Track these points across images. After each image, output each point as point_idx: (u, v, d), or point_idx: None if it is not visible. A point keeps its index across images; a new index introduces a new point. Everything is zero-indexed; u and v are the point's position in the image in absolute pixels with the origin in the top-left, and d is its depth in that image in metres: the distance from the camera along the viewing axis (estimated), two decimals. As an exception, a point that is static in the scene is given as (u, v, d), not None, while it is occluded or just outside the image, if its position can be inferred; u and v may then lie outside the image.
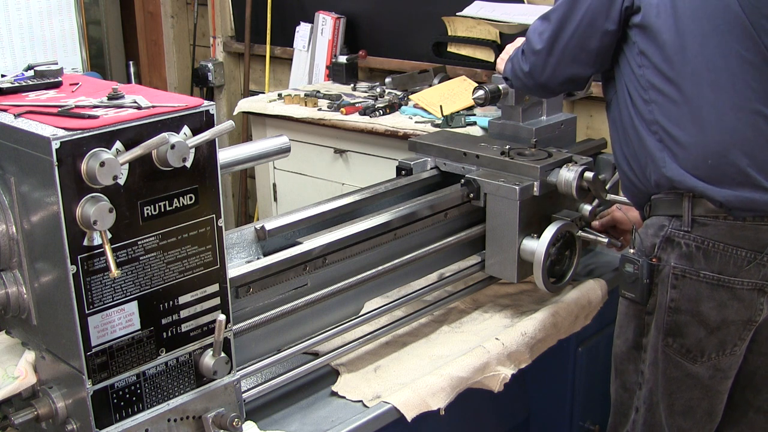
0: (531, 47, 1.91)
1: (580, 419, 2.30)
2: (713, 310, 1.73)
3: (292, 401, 1.71)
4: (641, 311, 1.83)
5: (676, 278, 1.74)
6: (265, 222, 1.77)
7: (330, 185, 3.21)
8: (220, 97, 4.50)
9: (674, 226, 1.74)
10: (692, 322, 1.74)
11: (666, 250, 1.75)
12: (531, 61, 1.91)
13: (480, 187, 2.01)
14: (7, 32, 3.57)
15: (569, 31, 1.82)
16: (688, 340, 1.76)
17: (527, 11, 3.02)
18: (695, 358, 1.77)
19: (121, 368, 1.31)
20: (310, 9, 3.85)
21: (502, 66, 2.12)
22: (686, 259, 1.73)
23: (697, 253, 1.71)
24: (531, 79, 1.94)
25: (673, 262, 1.74)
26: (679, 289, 1.74)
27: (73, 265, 1.21)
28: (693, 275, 1.72)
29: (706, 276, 1.72)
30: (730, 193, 1.67)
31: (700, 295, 1.73)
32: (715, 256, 1.70)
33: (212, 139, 1.30)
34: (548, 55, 1.87)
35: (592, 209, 2.10)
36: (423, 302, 1.99)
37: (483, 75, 3.32)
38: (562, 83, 1.94)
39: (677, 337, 1.77)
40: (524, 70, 1.94)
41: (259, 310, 1.66)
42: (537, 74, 1.92)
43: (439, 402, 1.69)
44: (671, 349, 1.78)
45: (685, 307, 1.74)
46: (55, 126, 1.19)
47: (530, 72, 1.93)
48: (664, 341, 1.78)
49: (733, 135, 1.67)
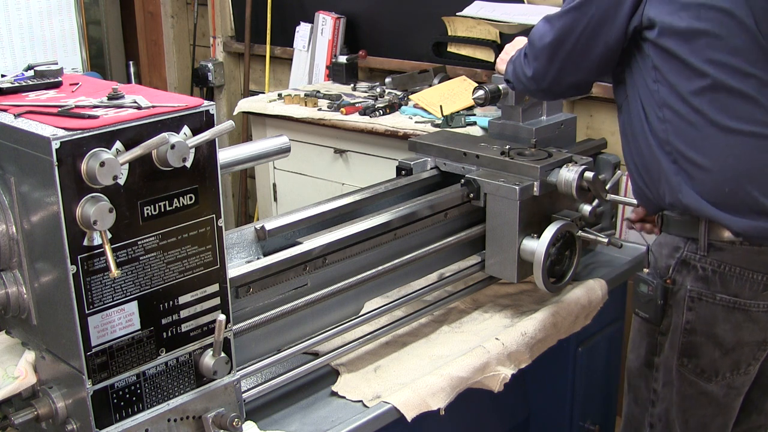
0: (534, 52, 1.87)
1: (580, 419, 2.30)
2: (728, 332, 1.72)
3: (292, 401, 1.71)
4: (654, 331, 1.82)
5: (692, 301, 1.73)
6: (265, 222, 1.77)
7: (330, 185, 3.21)
8: (220, 97, 4.50)
9: (690, 249, 1.72)
10: (707, 343, 1.74)
11: (681, 273, 1.74)
12: (534, 66, 1.88)
13: (480, 187, 2.01)
14: (7, 32, 3.57)
15: (572, 40, 1.78)
16: (703, 361, 1.75)
17: (527, 11, 3.02)
18: (710, 378, 1.76)
19: (121, 368, 1.31)
20: (310, 9, 3.85)
21: (503, 67, 2.11)
22: (702, 282, 1.72)
23: (713, 276, 1.70)
24: (534, 83, 1.91)
25: (689, 285, 1.73)
26: (694, 311, 1.74)
27: (73, 265, 1.21)
28: (709, 298, 1.71)
29: (723, 299, 1.70)
30: (748, 223, 1.64)
31: (715, 318, 1.72)
32: (731, 279, 1.69)
33: (212, 139, 1.30)
34: (550, 62, 1.84)
35: (592, 209, 2.10)
36: (423, 302, 1.99)
37: (483, 75, 3.31)
38: (566, 89, 1.93)
39: (692, 357, 1.76)
40: (527, 74, 1.91)
41: (259, 310, 1.66)
42: (540, 79, 1.89)
43: (439, 402, 1.69)
44: (686, 369, 1.78)
45: (701, 328, 1.74)
46: (55, 126, 1.19)
47: (533, 77, 1.90)
48: (679, 361, 1.78)
49: (752, 163, 1.63)
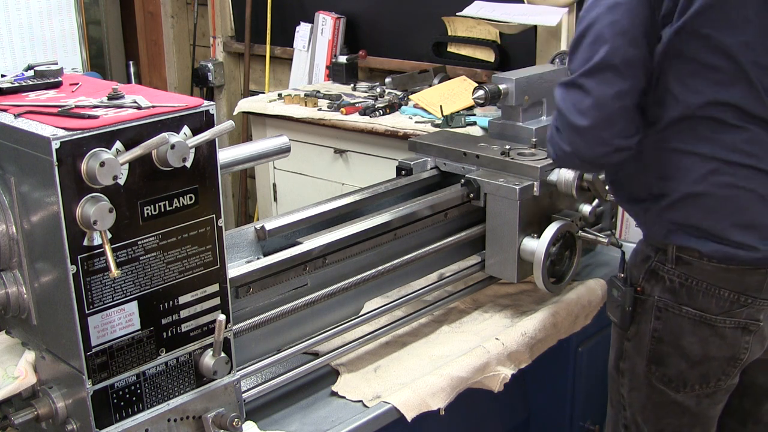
0: (572, 124, 1.61)
1: (580, 419, 2.30)
2: (695, 345, 1.70)
3: (292, 401, 1.71)
4: (622, 336, 1.82)
5: (660, 311, 1.72)
6: (265, 222, 1.77)
7: (330, 185, 3.22)
8: (220, 97, 4.50)
9: (659, 259, 1.71)
10: (674, 353, 1.73)
11: (650, 282, 1.73)
12: (575, 140, 1.63)
13: (480, 187, 2.01)
14: (7, 32, 3.57)
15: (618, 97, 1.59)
16: (670, 370, 1.74)
17: (527, 11, 3.02)
18: (677, 388, 1.75)
19: (121, 368, 1.31)
20: (310, 9, 3.85)
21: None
22: (670, 294, 1.70)
23: (681, 289, 1.69)
24: (582, 159, 1.67)
25: (657, 295, 1.72)
26: (662, 320, 1.73)
27: (73, 265, 1.21)
28: (676, 310, 1.70)
29: (689, 312, 1.68)
30: (715, 247, 1.63)
31: (682, 330, 1.70)
32: (698, 294, 1.67)
33: (212, 139, 1.30)
34: (596, 129, 1.61)
35: (592, 209, 2.10)
36: (423, 302, 1.99)
37: (483, 75, 3.32)
38: (616, 151, 1.64)
39: (660, 365, 1.75)
40: (565, 150, 1.65)
41: (259, 310, 1.66)
42: (588, 152, 1.64)
43: (439, 402, 1.69)
44: (654, 376, 1.77)
45: (668, 338, 1.73)
46: (55, 126, 1.19)
47: (578, 152, 1.64)
48: (647, 368, 1.77)
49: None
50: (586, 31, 1.60)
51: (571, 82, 1.63)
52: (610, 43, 1.56)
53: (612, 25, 1.56)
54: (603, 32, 1.57)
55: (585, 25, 1.61)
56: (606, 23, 1.57)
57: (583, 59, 1.60)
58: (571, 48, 1.65)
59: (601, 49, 1.57)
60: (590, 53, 1.59)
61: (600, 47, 1.57)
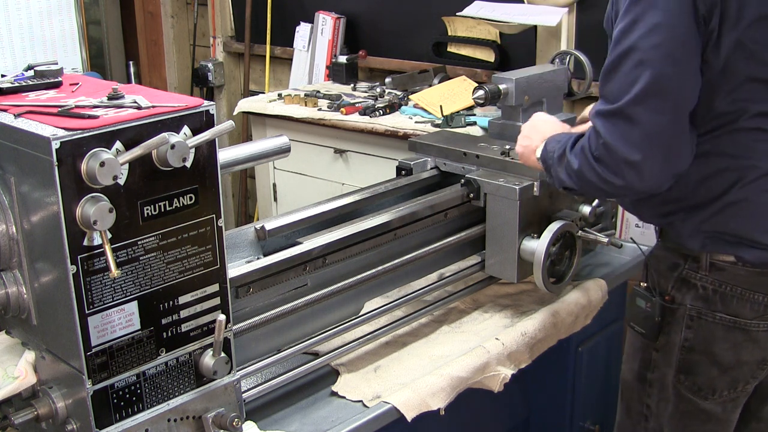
0: (623, 157, 1.53)
1: (580, 419, 2.30)
2: (727, 351, 1.69)
3: (292, 401, 1.71)
4: (648, 346, 1.79)
5: (691, 319, 1.70)
6: (265, 222, 1.77)
7: (330, 185, 3.22)
8: (220, 97, 4.50)
9: (690, 267, 1.69)
10: (705, 361, 1.71)
11: (681, 291, 1.71)
12: (628, 173, 1.54)
13: (480, 187, 2.01)
14: (7, 32, 3.57)
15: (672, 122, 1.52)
16: (700, 379, 1.73)
17: (527, 11, 3.02)
18: (706, 396, 1.74)
19: (121, 368, 1.31)
20: (310, 9, 3.85)
21: (532, 157, 1.81)
22: (702, 301, 1.68)
23: (714, 296, 1.67)
24: (634, 190, 1.59)
25: (688, 303, 1.70)
26: (693, 329, 1.71)
27: (73, 265, 1.21)
28: (709, 317, 1.68)
29: (722, 318, 1.67)
30: (755, 253, 1.62)
31: (714, 336, 1.69)
32: (732, 299, 1.66)
33: (212, 139, 1.30)
34: (650, 160, 1.53)
35: (592, 209, 2.10)
36: (423, 302, 1.99)
37: (483, 75, 3.32)
38: (672, 178, 1.59)
39: (689, 375, 1.74)
40: (616, 183, 1.56)
41: (259, 310, 1.66)
42: (643, 184, 1.56)
43: (439, 402, 1.69)
44: (683, 386, 1.75)
45: (699, 347, 1.71)
46: (55, 126, 1.19)
47: (632, 185, 1.56)
48: (676, 378, 1.75)
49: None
50: (625, 55, 1.51)
51: (616, 111, 1.52)
52: (654, 68, 1.48)
53: (655, 49, 1.48)
54: (646, 56, 1.49)
55: (624, 48, 1.52)
56: (648, 46, 1.49)
57: (625, 85, 1.51)
58: (606, 72, 1.56)
59: (645, 74, 1.49)
60: (632, 79, 1.50)
61: (643, 72, 1.49)
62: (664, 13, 1.48)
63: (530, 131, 1.85)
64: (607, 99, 1.56)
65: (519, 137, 1.88)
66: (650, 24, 1.49)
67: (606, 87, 1.57)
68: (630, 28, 1.51)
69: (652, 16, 1.49)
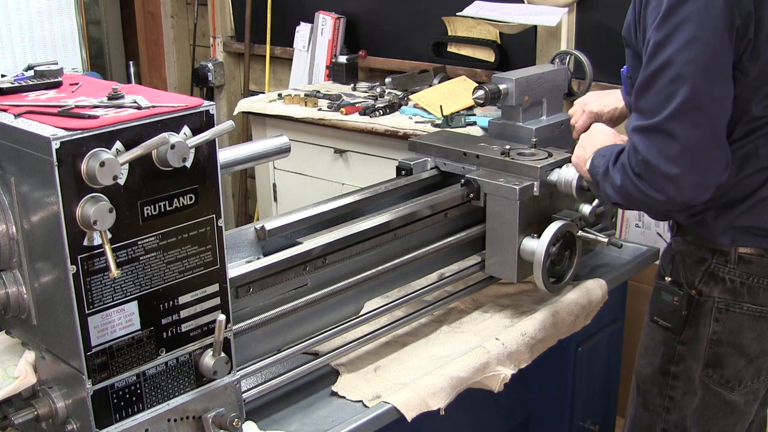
0: (662, 172, 1.53)
1: (580, 419, 2.30)
2: (753, 341, 1.72)
3: (292, 401, 1.71)
4: (673, 339, 1.80)
5: (719, 312, 1.72)
6: (265, 222, 1.77)
7: (330, 185, 3.21)
8: (220, 97, 4.50)
9: (718, 261, 1.71)
10: (733, 353, 1.73)
11: (709, 284, 1.73)
12: (668, 188, 1.55)
13: (480, 187, 2.01)
14: (7, 32, 3.57)
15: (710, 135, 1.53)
16: (728, 371, 1.75)
17: (527, 11, 3.02)
18: (733, 387, 1.76)
19: (121, 368, 1.31)
20: (310, 9, 3.85)
21: (583, 170, 1.81)
22: (730, 294, 1.71)
23: (741, 288, 1.70)
24: (675, 204, 1.60)
25: (716, 296, 1.72)
26: (721, 322, 1.73)
27: (73, 265, 1.21)
28: (736, 309, 1.71)
29: (750, 309, 1.70)
30: None
31: (741, 328, 1.72)
32: (759, 290, 1.69)
33: (212, 139, 1.30)
34: (689, 174, 1.54)
35: (592, 209, 2.10)
36: (423, 302, 1.99)
37: (483, 75, 3.32)
38: (712, 188, 1.59)
39: (717, 368, 1.75)
40: (657, 198, 1.57)
41: (259, 310, 1.66)
42: (682, 197, 1.57)
43: (439, 402, 1.69)
44: (711, 379, 1.77)
45: (727, 339, 1.73)
46: (55, 126, 1.19)
47: (673, 199, 1.57)
48: (704, 371, 1.77)
49: None
50: (661, 70, 1.51)
51: (653, 127, 1.53)
52: (690, 83, 1.48)
53: (691, 63, 1.48)
54: (682, 71, 1.49)
55: (659, 63, 1.51)
56: (684, 61, 1.49)
57: (661, 100, 1.52)
58: (641, 87, 1.56)
59: (682, 89, 1.49)
60: (668, 94, 1.51)
61: (680, 87, 1.49)
62: (698, 27, 1.48)
63: (586, 141, 1.84)
64: (644, 114, 1.56)
65: (576, 146, 1.88)
66: (685, 38, 1.48)
67: (641, 102, 1.56)
68: (664, 42, 1.51)
69: (687, 30, 1.48)
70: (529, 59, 3.17)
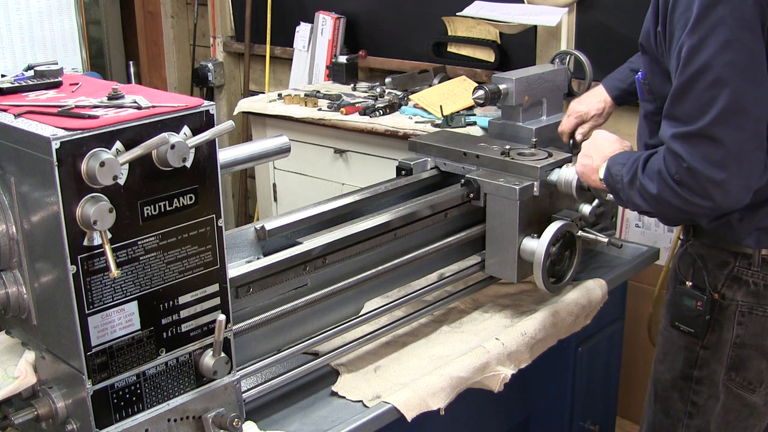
0: (709, 178, 1.50)
1: (580, 419, 2.30)
2: None
3: (292, 401, 1.71)
4: (695, 344, 1.80)
5: (743, 315, 1.72)
6: (265, 222, 1.77)
7: (330, 185, 3.21)
8: (220, 97, 4.50)
9: (742, 264, 1.70)
10: (756, 355, 1.73)
11: (732, 288, 1.72)
12: (715, 194, 1.52)
13: (480, 187, 2.01)
14: (7, 32, 3.57)
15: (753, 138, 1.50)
16: (750, 373, 1.75)
17: (527, 11, 3.02)
18: (754, 389, 1.76)
19: (121, 368, 1.31)
20: (310, 9, 3.85)
21: (594, 177, 1.80)
22: (753, 297, 1.70)
23: (765, 291, 1.70)
24: (720, 209, 1.60)
25: (740, 300, 1.71)
26: (744, 325, 1.72)
27: (73, 265, 1.21)
28: (759, 311, 1.70)
29: None
30: None
31: (765, 330, 1.71)
32: None
33: (212, 139, 1.30)
34: (736, 178, 1.52)
35: (592, 209, 2.10)
36: (423, 302, 1.99)
37: (483, 75, 3.32)
38: (754, 191, 1.58)
39: (740, 371, 1.75)
40: (702, 204, 1.55)
41: (259, 310, 1.66)
42: (728, 202, 1.55)
43: (439, 402, 1.69)
44: (733, 383, 1.77)
45: (750, 342, 1.73)
46: (55, 126, 1.19)
47: (720, 205, 1.55)
48: (727, 375, 1.77)
49: None
50: (699, 75, 1.49)
51: (695, 133, 1.50)
52: (732, 86, 1.46)
53: (730, 66, 1.46)
54: (722, 74, 1.47)
55: (696, 67, 1.49)
56: (723, 64, 1.46)
57: (702, 105, 1.49)
58: (678, 93, 1.54)
59: (723, 92, 1.47)
60: (709, 98, 1.48)
61: (721, 91, 1.47)
62: (734, 28, 1.46)
63: (591, 149, 1.82)
64: (682, 120, 1.53)
65: (579, 155, 1.86)
66: (721, 41, 1.46)
67: (679, 108, 1.54)
68: (700, 46, 1.48)
69: (722, 32, 1.47)
70: (529, 59, 3.17)
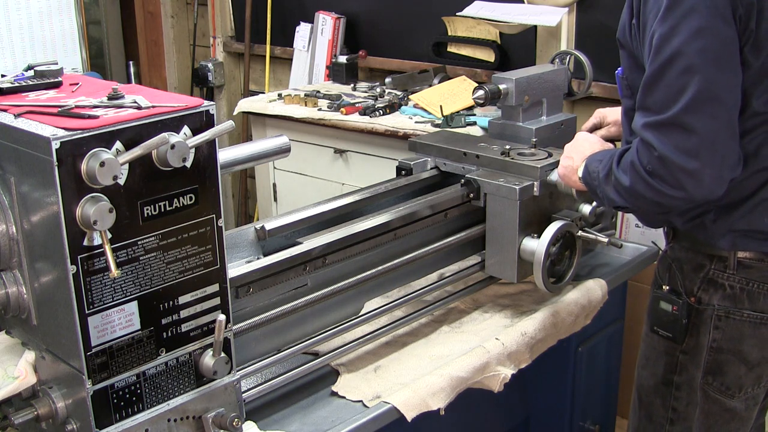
0: (681, 167, 1.47)
1: (580, 419, 2.30)
2: (755, 348, 1.69)
3: (292, 401, 1.71)
4: (674, 349, 1.78)
5: (719, 319, 1.70)
6: (265, 222, 1.77)
7: (330, 185, 3.21)
8: (220, 97, 4.50)
9: (717, 267, 1.68)
10: (734, 360, 1.71)
11: (708, 291, 1.70)
12: (687, 183, 1.49)
13: (480, 187, 2.01)
14: (7, 32, 3.57)
15: (725, 130, 1.48)
16: (728, 378, 1.73)
17: (527, 11, 3.02)
18: (733, 395, 1.74)
19: (121, 368, 1.31)
20: (310, 9, 3.85)
21: (574, 178, 1.79)
22: (730, 300, 1.68)
23: (741, 294, 1.67)
24: (692, 201, 1.56)
25: (716, 303, 1.69)
26: (721, 329, 1.70)
27: (73, 265, 1.21)
28: (736, 316, 1.68)
29: (750, 316, 1.67)
30: None
31: (742, 335, 1.69)
32: (759, 296, 1.66)
33: (212, 139, 1.30)
34: (709, 167, 1.48)
35: (592, 209, 2.10)
36: (423, 302, 1.99)
37: (483, 75, 3.32)
38: (728, 183, 1.54)
39: (717, 375, 1.73)
40: (674, 195, 1.51)
41: (259, 310, 1.66)
42: (701, 192, 1.51)
43: (439, 402, 1.69)
44: (711, 387, 1.75)
45: (727, 347, 1.70)
46: (55, 126, 1.19)
47: (692, 196, 1.51)
48: (704, 380, 1.75)
49: None
50: (669, 63, 1.47)
51: (667, 122, 1.47)
52: (703, 73, 1.44)
53: (702, 53, 1.44)
54: (693, 62, 1.44)
55: (667, 56, 1.47)
56: (694, 51, 1.44)
57: (673, 93, 1.47)
58: (649, 82, 1.51)
59: (694, 79, 1.44)
60: (680, 86, 1.46)
61: (692, 78, 1.44)
62: (706, 16, 1.44)
63: (571, 151, 1.82)
64: (653, 110, 1.51)
65: (561, 158, 1.86)
66: (692, 28, 1.44)
67: (650, 97, 1.51)
68: (670, 34, 1.46)
69: (693, 20, 1.45)
70: (529, 59, 3.17)
